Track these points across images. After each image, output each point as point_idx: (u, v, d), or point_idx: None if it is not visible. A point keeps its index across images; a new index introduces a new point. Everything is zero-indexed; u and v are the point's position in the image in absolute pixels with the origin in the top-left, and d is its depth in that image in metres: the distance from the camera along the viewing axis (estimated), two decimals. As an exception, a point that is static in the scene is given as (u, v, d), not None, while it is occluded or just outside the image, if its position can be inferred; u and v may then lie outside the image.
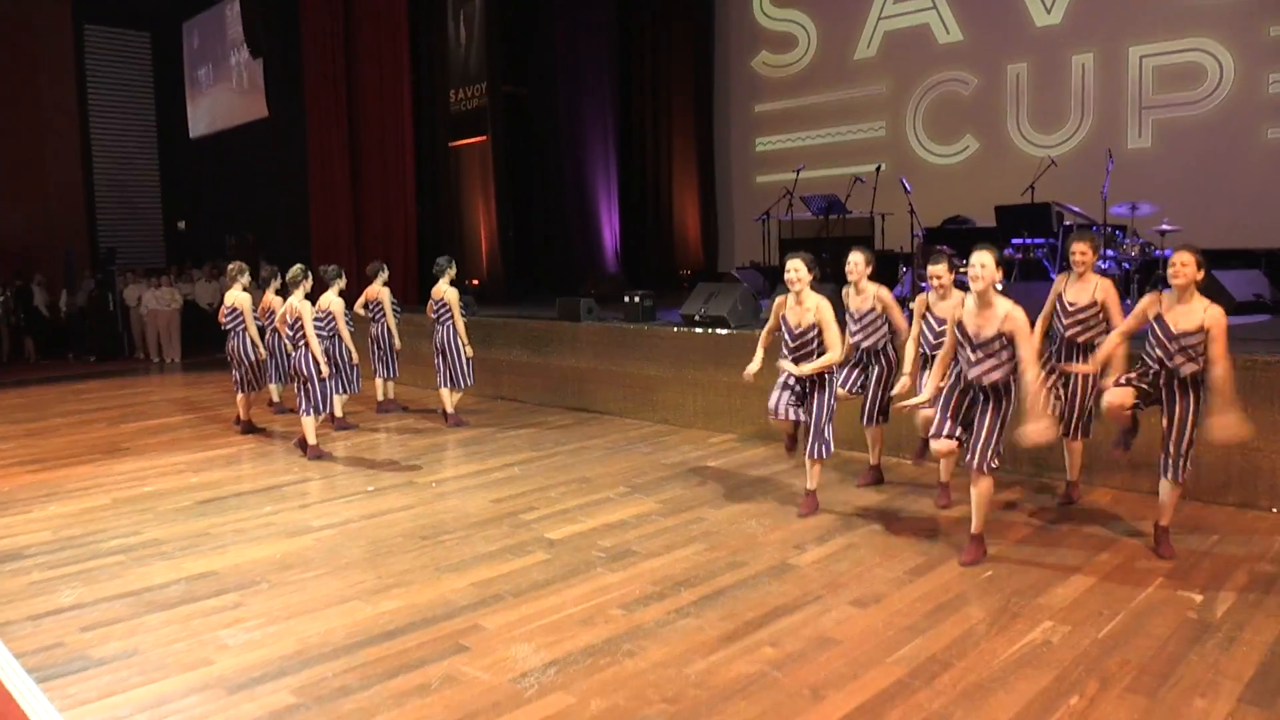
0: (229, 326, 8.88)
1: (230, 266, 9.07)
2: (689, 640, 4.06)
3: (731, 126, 14.94)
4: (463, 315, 8.94)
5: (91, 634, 4.29)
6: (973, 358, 4.77)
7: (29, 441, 8.96)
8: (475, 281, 14.15)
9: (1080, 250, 5.51)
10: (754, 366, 5.78)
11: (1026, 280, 9.12)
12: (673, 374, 8.95)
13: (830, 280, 8.98)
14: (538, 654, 3.97)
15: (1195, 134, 10.31)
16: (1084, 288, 5.50)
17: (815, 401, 5.59)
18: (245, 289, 8.96)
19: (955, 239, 10.58)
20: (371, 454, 8.01)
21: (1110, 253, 9.08)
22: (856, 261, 5.96)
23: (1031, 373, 4.60)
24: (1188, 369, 4.70)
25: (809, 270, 5.46)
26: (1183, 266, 4.63)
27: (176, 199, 20.70)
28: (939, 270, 5.69)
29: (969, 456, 4.82)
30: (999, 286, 4.71)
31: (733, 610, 4.38)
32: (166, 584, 4.91)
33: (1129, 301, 9.23)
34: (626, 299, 9.76)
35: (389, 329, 9.52)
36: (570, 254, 15.36)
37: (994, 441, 4.77)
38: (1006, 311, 4.67)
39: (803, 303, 5.50)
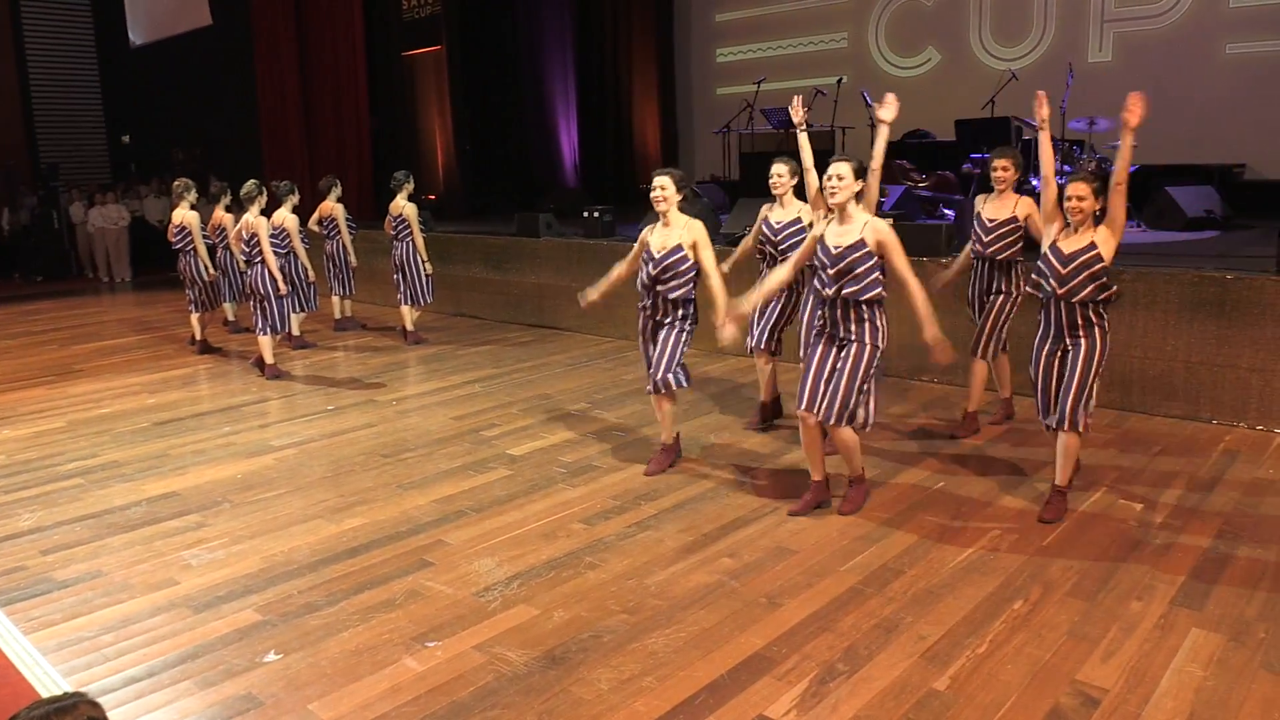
0: (178, 246, 8.70)
1: (176, 184, 8.85)
2: (649, 552, 4.16)
3: (692, 36, 14.64)
4: (421, 231, 8.82)
5: (53, 557, 4.30)
6: (828, 276, 4.27)
7: (-22, 363, 8.79)
8: (432, 196, 13.90)
9: (1002, 166, 5.26)
10: (592, 293, 5.29)
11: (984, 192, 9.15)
12: (632, 289, 8.93)
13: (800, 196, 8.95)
14: (501, 568, 4.04)
15: (1156, 48, 10.29)
16: (1004, 204, 5.29)
17: (664, 332, 4.98)
18: (193, 206, 8.75)
19: (916, 153, 10.58)
20: (331, 373, 7.96)
21: (1068, 168, 9.13)
22: (780, 174, 5.38)
23: (914, 283, 4.18)
24: (1083, 293, 4.20)
25: (678, 188, 4.86)
26: (1079, 200, 4.23)
27: (120, 112, 19.95)
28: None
29: (815, 405, 4.30)
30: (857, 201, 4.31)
31: (692, 523, 4.48)
32: (127, 506, 4.91)
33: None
34: (586, 214, 9.67)
35: (344, 246, 9.37)
36: (529, 168, 15.12)
37: (854, 389, 4.25)
38: (867, 222, 4.24)
39: (670, 224, 4.88)
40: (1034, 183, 9.42)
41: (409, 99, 14.57)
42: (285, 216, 8.46)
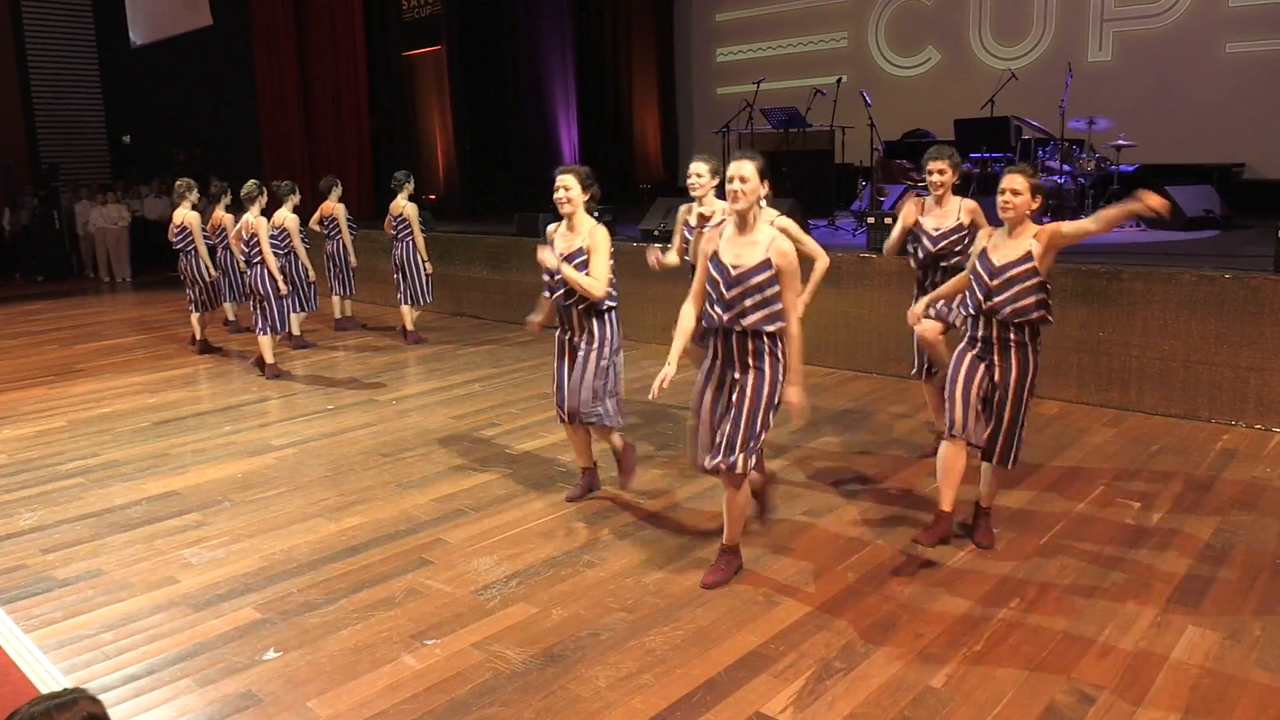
0: (179, 246, 8.71)
1: (177, 184, 8.86)
2: (647, 551, 4.17)
3: (692, 36, 14.64)
4: (421, 231, 8.83)
5: (53, 555, 4.31)
6: (727, 296, 3.58)
7: (-21, 363, 8.81)
8: (432, 196, 13.91)
9: (939, 169, 4.77)
10: (536, 318, 4.71)
11: (984, 195, 9.15)
12: (632, 289, 8.93)
13: (793, 195, 8.97)
14: (499, 566, 4.06)
15: (1155, 47, 10.29)
16: (947, 211, 4.83)
17: (581, 355, 4.44)
18: (194, 206, 8.77)
19: (915, 153, 10.58)
20: (331, 372, 7.98)
21: (1067, 167, 9.15)
22: (700, 173, 4.73)
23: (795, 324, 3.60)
24: (1009, 311, 3.80)
25: (584, 188, 4.39)
26: (1014, 195, 3.80)
27: (120, 112, 19.96)
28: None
29: (713, 456, 3.64)
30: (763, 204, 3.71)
31: (690, 522, 4.49)
32: (127, 505, 4.92)
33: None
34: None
35: (344, 246, 9.38)
36: (529, 168, 15.12)
37: (755, 429, 3.60)
38: (773, 239, 3.58)
39: (575, 228, 4.39)
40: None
41: (409, 99, 14.57)
42: (285, 216, 8.47)
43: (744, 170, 3.58)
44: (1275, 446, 5.39)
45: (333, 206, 9.32)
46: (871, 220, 7.77)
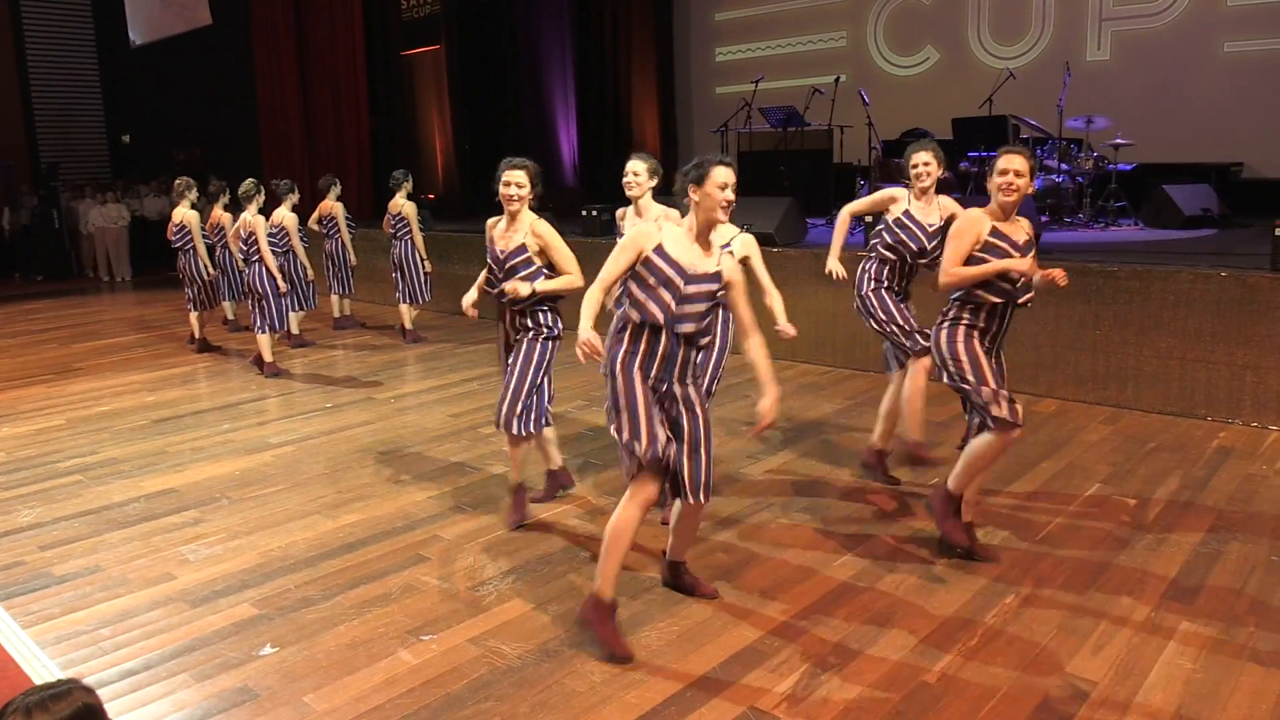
0: (178, 245, 8.73)
1: (177, 182, 8.87)
2: (646, 547, 4.17)
3: (691, 35, 14.65)
4: (420, 230, 8.85)
5: (51, 552, 4.32)
6: (672, 304, 3.26)
7: (-22, 362, 8.82)
8: (431, 195, 13.93)
9: (924, 162, 4.59)
10: (469, 296, 4.58)
11: (982, 194, 9.17)
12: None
13: (791, 194, 8.98)
14: (496, 563, 4.07)
15: (1154, 47, 10.30)
16: (931, 208, 4.68)
17: (522, 351, 4.33)
18: (193, 205, 8.78)
19: (913, 152, 10.59)
20: (330, 371, 7.99)
21: (1065, 166, 9.16)
22: (637, 171, 4.53)
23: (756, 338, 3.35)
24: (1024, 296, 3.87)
25: (533, 185, 4.23)
26: (1017, 176, 3.69)
27: (120, 112, 19.99)
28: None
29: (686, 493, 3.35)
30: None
31: (687, 519, 4.49)
32: (125, 502, 4.93)
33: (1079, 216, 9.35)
34: (584, 212, 9.69)
35: (343, 244, 9.40)
36: (528, 167, 15.12)
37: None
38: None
39: (517, 226, 4.28)
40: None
41: (408, 98, 14.59)
42: (284, 215, 8.49)
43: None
44: (1271, 443, 5.40)
45: (331, 205, 9.34)
46: (870, 219, 7.77)
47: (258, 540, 4.39)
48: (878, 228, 4.84)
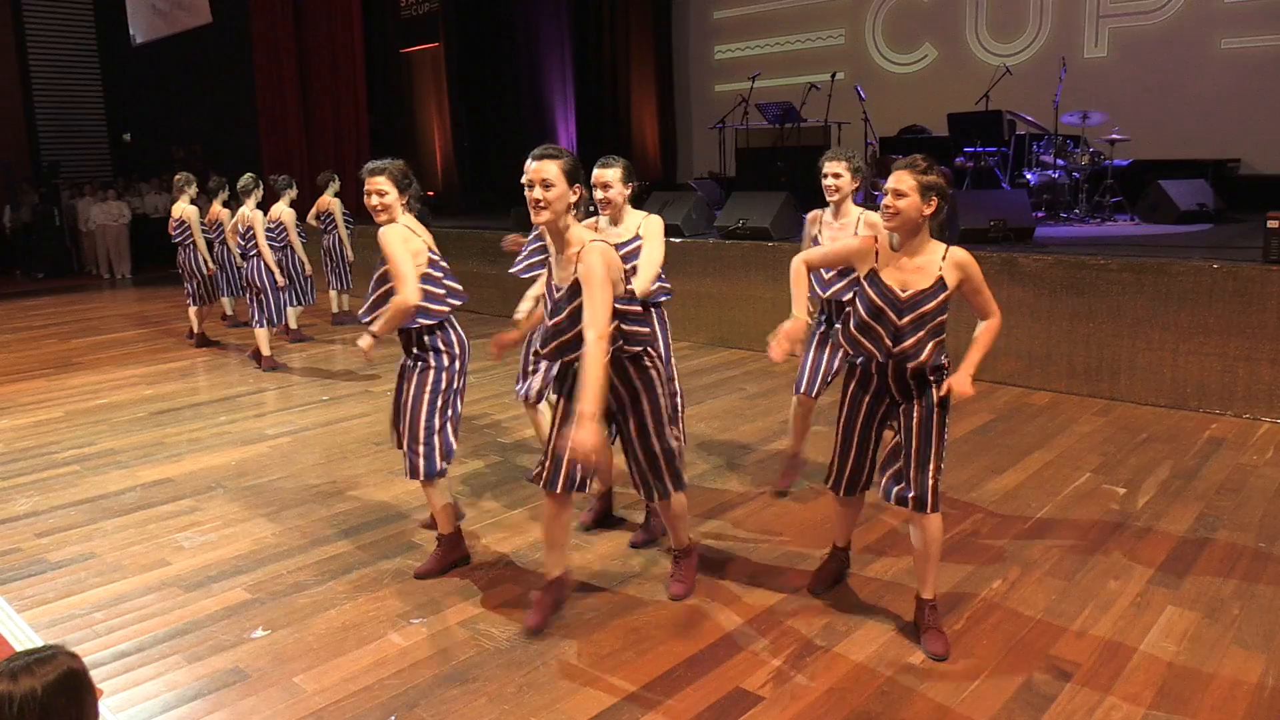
0: (177, 239, 8.76)
1: (177, 177, 8.91)
2: (632, 535, 4.19)
3: (690, 33, 14.68)
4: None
5: (48, 539, 4.35)
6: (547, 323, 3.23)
7: (-22, 356, 8.86)
8: (431, 192, 13.97)
9: (833, 173, 4.15)
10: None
11: (978, 189, 9.20)
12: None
13: (787, 189, 9.00)
14: (487, 550, 4.09)
15: (1150, 43, 10.32)
16: (846, 223, 4.25)
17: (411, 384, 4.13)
18: (192, 200, 8.81)
19: (912, 149, 10.62)
20: (327, 365, 8.02)
21: (1060, 162, 9.18)
22: (608, 181, 4.20)
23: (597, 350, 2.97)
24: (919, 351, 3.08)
25: (400, 189, 4.00)
26: (835, 179, 3.55)
27: (121, 110, 20.04)
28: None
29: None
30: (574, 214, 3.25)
31: (678, 508, 4.51)
32: (122, 491, 4.96)
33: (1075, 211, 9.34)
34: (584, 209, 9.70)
35: (341, 240, 9.43)
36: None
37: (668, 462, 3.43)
38: (582, 249, 3.11)
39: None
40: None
41: (407, 96, 14.63)
42: (282, 210, 8.52)
43: (542, 170, 3.12)
44: (1263, 434, 5.42)
45: (329, 201, 9.38)
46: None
47: (252, 528, 4.42)
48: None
